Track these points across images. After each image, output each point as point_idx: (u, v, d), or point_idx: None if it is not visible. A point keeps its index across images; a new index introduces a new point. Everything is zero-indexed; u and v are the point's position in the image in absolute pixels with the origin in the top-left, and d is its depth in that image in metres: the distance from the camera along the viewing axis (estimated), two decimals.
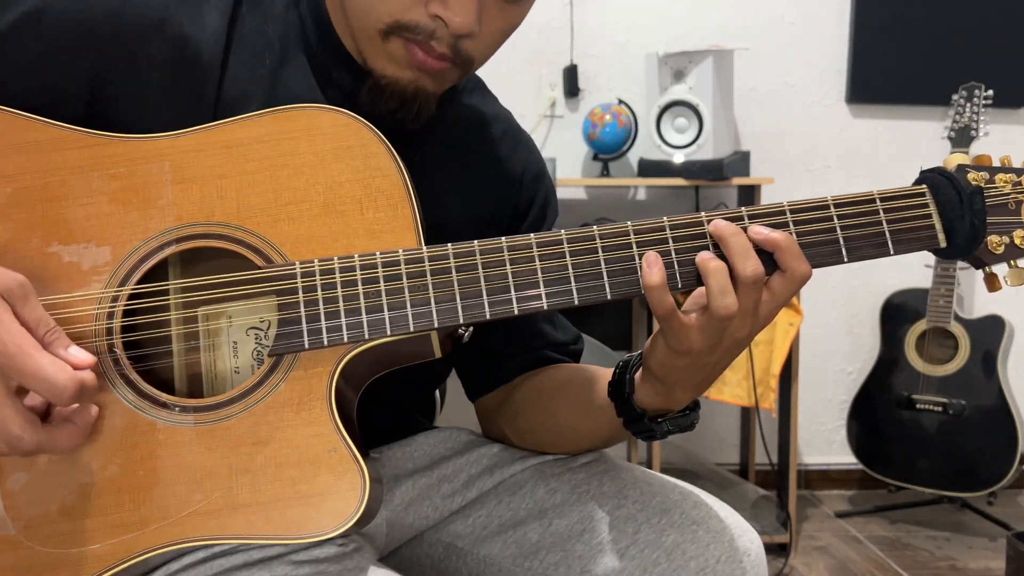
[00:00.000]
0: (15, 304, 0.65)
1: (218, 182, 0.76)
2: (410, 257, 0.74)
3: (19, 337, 0.64)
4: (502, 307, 0.74)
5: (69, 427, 0.68)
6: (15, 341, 0.63)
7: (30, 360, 0.63)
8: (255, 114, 0.77)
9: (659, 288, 0.72)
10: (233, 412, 0.72)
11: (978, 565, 2.43)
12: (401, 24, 0.77)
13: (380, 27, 0.78)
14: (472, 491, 0.93)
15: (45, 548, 0.70)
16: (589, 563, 0.84)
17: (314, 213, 0.75)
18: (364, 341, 0.73)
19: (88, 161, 0.75)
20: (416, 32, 0.77)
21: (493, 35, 0.81)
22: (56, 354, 0.66)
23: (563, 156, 2.69)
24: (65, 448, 0.68)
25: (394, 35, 0.78)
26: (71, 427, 0.68)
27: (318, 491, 0.70)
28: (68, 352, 0.67)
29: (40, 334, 0.66)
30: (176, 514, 0.70)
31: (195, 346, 0.77)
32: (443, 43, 0.77)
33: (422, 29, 0.77)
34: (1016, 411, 2.53)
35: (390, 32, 0.78)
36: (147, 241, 0.75)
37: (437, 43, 0.77)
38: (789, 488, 2.49)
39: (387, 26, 0.77)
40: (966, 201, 0.76)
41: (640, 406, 0.81)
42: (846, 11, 2.81)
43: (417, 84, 0.80)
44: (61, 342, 0.67)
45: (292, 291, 0.73)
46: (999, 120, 2.74)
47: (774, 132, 2.84)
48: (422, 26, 0.76)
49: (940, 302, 2.58)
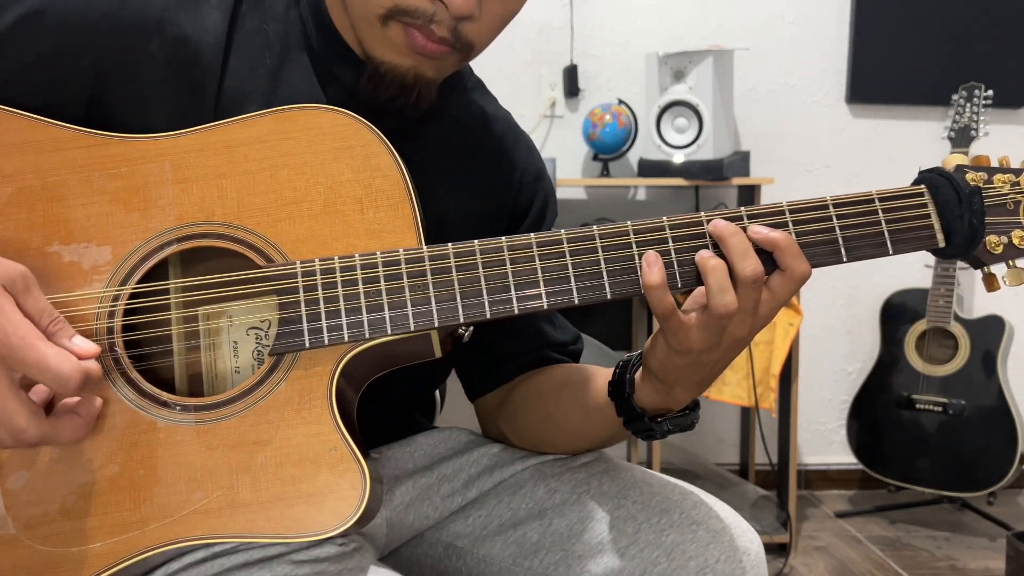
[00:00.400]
0: (18, 295, 0.65)
1: (219, 182, 0.76)
2: (411, 256, 0.74)
3: (23, 328, 0.63)
4: (502, 306, 0.74)
5: (73, 419, 0.68)
6: (18, 332, 0.63)
7: (34, 350, 0.63)
8: (256, 114, 0.77)
9: (659, 287, 0.73)
10: (234, 411, 0.72)
11: (978, 565, 2.43)
12: (400, 8, 0.77)
13: (380, 12, 0.78)
14: (472, 491, 0.93)
15: (45, 547, 0.70)
16: (589, 563, 0.84)
17: (315, 213, 0.76)
18: (365, 340, 0.73)
19: (88, 161, 0.75)
20: (416, 16, 0.77)
21: (493, 20, 0.81)
22: (60, 344, 0.66)
23: (563, 156, 2.70)
24: (69, 440, 0.68)
25: (394, 20, 0.78)
26: (75, 419, 0.68)
27: (318, 490, 0.70)
28: (72, 342, 0.67)
29: (44, 324, 0.66)
30: (176, 513, 0.70)
31: (195, 346, 0.77)
32: (443, 26, 0.77)
33: (422, 13, 0.76)
34: (1016, 411, 2.53)
35: (390, 17, 0.78)
36: (148, 241, 0.75)
37: (437, 27, 0.77)
38: (789, 488, 2.49)
39: (387, 11, 0.77)
40: (965, 201, 0.76)
41: (640, 406, 0.81)
42: (846, 11, 2.81)
43: (417, 71, 0.80)
44: (65, 332, 0.67)
45: (293, 290, 0.73)
46: (999, 120, 2.74)
47: (774, 132, 2.84)
48: (422, 10, 0.76)
49: (940, 302, 2.59)
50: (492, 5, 0.79)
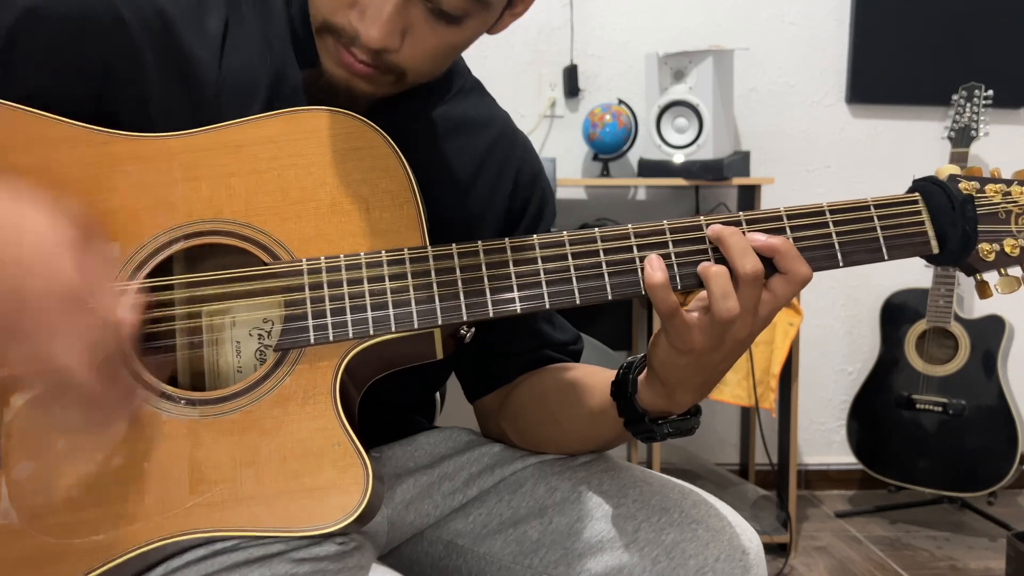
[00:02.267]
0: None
1: (227, 180, 0.77)
2: (415, 256, 0.75)
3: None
4: (505, 305, 0.75)
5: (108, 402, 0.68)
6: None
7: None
8: (266, 115, 0.78)
9: (663, 287, 0.73)
10: (238, 405, 0.73)
11: (978, 565, 2.43)
12: (329, 25, 0.78)
13: (316, 23, 0.79)
14: (473, 489, 0.94)
15: (49, 538, 0.70)
16: (589, 561, 0.85)
17: (321, 212, 0.77)
18: (369, 337, 0.74)
19: (98, 158, 0.76)
20: (340, 35, 0.77)
21: (425, 51, 0.79)
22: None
23: (563, 156, 2.70)
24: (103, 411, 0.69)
25: (326, 33, 0.79)
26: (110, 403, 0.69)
27: (321, 485, 0.71)
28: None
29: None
30: (180, 506, 0.71)
31: (200, 342, 0.77)
32: (363, 52, 0.77)
33: (346, 33, 0.77)
34: (1016, 411, 2.54)
35: (323, 30, 0.79)
36: (156, 237, 0.75)
37: (358, 50, 0.77)
38: (789, 488, 2.49)
39: (320, 24, 0.79)
40: (958, 209, 0.77)
41: (642, 407, 0.81)
42: (846, 11, 2.82)
43: (350, 83, 0.81)
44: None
45: (298, 288, 0.74)
46: (999, 120, 2.75)
47: (774, 132, 2.84)
48: (347, 31, 0.77)
49: (940, 302, 2.59)
50: (423, 38, 0.78)
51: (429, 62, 0.81)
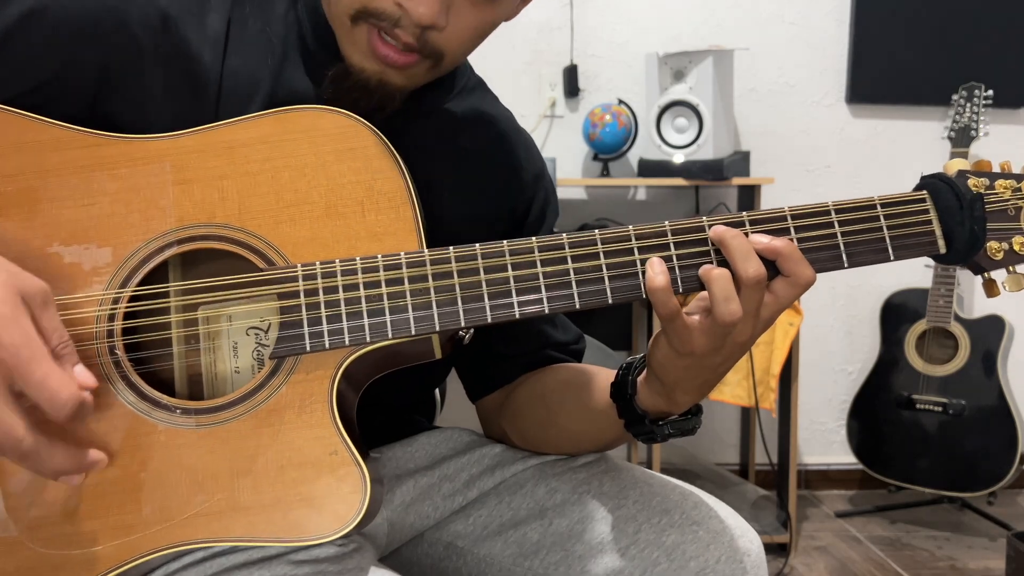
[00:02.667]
0: (35, 310, 0.64)
1: (219, 183, 0.76)
2: (412, 260, 0.74)
3: (34, 343, 0.62)
4: (503, 311, 0.74)
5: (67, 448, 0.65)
6: (29, 346, 0.62)
7: (40, 368, 0.62)
8: (257, 115, 0.77)
9: (664, 290, 0.73)
10: (235, 414, 0.72)
11: (978, 565, 2.43)
12: (368, 10, 0.77)
13: (350, 12, 0.78)
14: (473, 491, 0.93)
15: (47, 550, 0.70)
16: (589, 563, 0.85)
17: (316, 215, 0.75)
18: (366, 344, 0.73)
19: (89, 161, 0.75)
20: (381, 19, 0.76)
21: (465, 31, 0.80)
22: (63, 369, 0.64)
23: (563, 156, 2.69)
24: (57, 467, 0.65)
25: (361, 20, 0.78)
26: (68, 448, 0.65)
27: (319, 493, 0.70)
28: (75, 370, 0.65)
29: (53, 344, 0.64)
30: (178, 516, 0.70)
31: (195, 347, 0.77)
32: (408, 32, 0.77)
33: (388, 16, 0.76)
34: (1016, 411, 2.54)
35: (358, 17, 0.78)
36: (148, 242, 0.74)
37: (402, 32, 0.77)
38: (789, 488, 2.49)
39: (355, 11, 0.77)
40: (966, 207, 0.75)
41: (642, 408, 0.81)
42: (846, 11, 2.81)
43: (382, 76, 0.80)
44: (71, 358, 0.65)
45: (294, 294, 0.73)
46: (999, 120, 2.74)
47: (774, 132, 2.84)
48: (388, 13, 0.76)
49: (940, 302, 2.59)
50: (463, 15, 0.78)
51: (467, 43, 0.81)
